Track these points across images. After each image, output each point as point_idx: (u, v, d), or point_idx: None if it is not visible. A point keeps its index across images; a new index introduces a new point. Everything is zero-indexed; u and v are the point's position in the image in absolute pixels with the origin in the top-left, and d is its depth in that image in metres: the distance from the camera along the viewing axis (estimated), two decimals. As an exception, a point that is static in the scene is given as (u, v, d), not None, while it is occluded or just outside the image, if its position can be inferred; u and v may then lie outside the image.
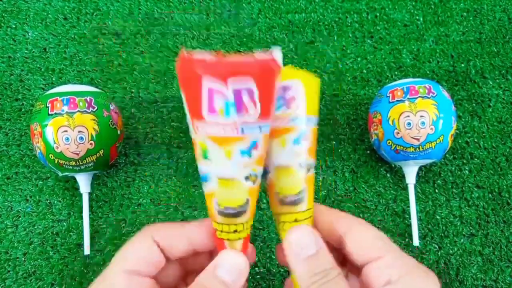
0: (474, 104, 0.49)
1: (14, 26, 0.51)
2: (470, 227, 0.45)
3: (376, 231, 0.26)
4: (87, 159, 0.40)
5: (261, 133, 0.24)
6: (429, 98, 0.40)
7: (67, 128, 0.39)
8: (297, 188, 0.27)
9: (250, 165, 0.25)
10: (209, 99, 0.23)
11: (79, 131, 0.39)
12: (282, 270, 0.44)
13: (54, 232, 0.45)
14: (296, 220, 0.27)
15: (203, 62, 0.22)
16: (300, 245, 0.25)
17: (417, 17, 0.52)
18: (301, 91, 0.27)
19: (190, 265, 0.28)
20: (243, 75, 0.22)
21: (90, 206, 0.45)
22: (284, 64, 0.25)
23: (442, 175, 0.47)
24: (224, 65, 0.22)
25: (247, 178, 0.26)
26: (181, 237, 0.27)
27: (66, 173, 0.42)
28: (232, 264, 0.25)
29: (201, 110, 0.23)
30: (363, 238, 0.26)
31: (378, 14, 0.52)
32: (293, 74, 0.27)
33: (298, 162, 0.27)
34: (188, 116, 0.24)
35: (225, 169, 0.25)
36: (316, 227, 0.27)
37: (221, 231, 0.26)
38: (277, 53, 0.23)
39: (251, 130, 0.24)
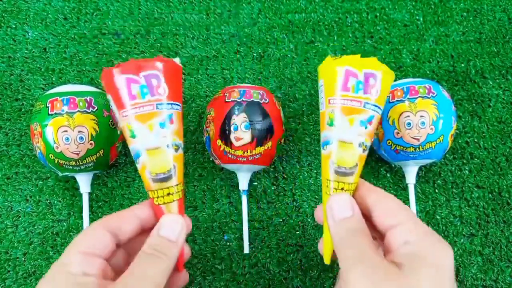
0: (474, 104, 0.49)
1: (14, 26, 0.51)
2: (470, 227, 0.45)
3: (401, 204, 0.30)
4: (87, 159, 0.40)
5: (172, 110, 0.32)
6: (429, 98, 0.40)
7: (67, 128, 0.39)
8: (352, 163, 0.33)
9: (170, 136, 0.32)
10: (128, 88, 0.32)
11: (79, 131, 0.39)
12: (281, 270, 0.44)
13: (54, 232, 0.45)
14: (342, 189, 0.32)
15: (120, 65, 0.32)
16: (339, 208, 0.30)
17: (417, 17, 0.52)
18: (380, 81, 0.33)
19: (136, 249, 0.31)
20: (150, 66, 0.32)
21: (90, 206, 0.45)
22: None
23: (442, 175, 0.47)
24: (135, 62, 0.32)
25: (169, 146, 0.32)
26: (130, 217, 0.30)
27: (66, 173, 0.42)
28: (172, 223, 0.30)
29: (123, 101, 0.32)
30: (389, 208, 0.30)
31: (378, 14, 0.52)
32: (377, 66, 0.32)
33: (359, 141, 0.33)
34: (116, 112, 0.33)
35: (150, 141, 0.32)
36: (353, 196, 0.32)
37: (157, 197, 0.32)
38: (176, 60, 0.34)
39: (164, 106, 0.32)
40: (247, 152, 0.40)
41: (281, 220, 0.45)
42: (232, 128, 0.39)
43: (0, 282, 0.43)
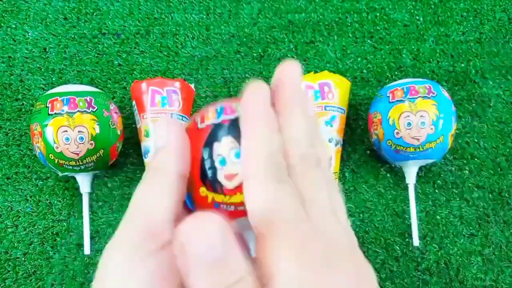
0: (474, 104, 0.49)
1: (14, 26, 0.51)
2: (470, 227, 0.45)
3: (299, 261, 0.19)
4: (87, 159, 0.40)
5: (182, 121, 0.42)
6: (429, 98, 0.40)
7: (67, 128, 0.39)
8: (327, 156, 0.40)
9: None
10: (151, 97, 0.41)
11: (79, 131, 0.39)
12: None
13: (54, 232, 0.45)
14: None
15: (149, 80, 0.42)
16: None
17: (417, 17, 0.52)
18: (333, 87, 0.41)
19: None
20: (172, 84, 0.42)
21: (90, 206, 0.45)
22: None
23: (442, 175, 0.47)
24: (161, 79, 0.42)
25: None
26: None
27: (66, 173, 0.42)
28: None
29: (145, 106, 0.41)
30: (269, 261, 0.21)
31: (378, 14, 0.52)
32: (329, 77, 0.41)
33: (329, 137, 0.41)
34: (137, 116, 0.42)
35: None
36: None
37: None
38: (191, 85, 0.44)
39: (176, 116, 0.41)
40: None
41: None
42: (217, 164, 0.22)
43: (0, 282, 0.43)
